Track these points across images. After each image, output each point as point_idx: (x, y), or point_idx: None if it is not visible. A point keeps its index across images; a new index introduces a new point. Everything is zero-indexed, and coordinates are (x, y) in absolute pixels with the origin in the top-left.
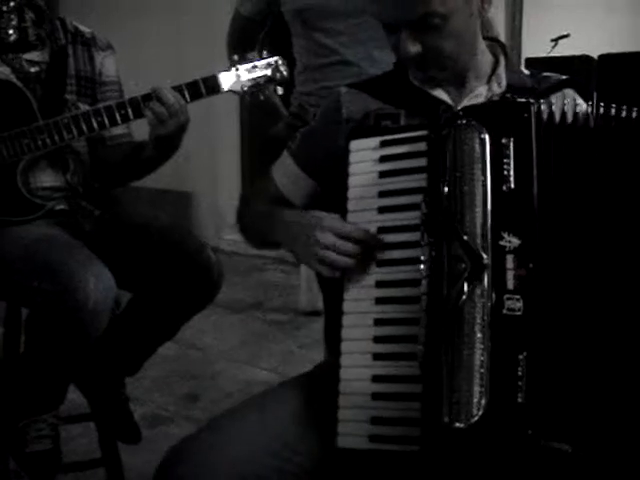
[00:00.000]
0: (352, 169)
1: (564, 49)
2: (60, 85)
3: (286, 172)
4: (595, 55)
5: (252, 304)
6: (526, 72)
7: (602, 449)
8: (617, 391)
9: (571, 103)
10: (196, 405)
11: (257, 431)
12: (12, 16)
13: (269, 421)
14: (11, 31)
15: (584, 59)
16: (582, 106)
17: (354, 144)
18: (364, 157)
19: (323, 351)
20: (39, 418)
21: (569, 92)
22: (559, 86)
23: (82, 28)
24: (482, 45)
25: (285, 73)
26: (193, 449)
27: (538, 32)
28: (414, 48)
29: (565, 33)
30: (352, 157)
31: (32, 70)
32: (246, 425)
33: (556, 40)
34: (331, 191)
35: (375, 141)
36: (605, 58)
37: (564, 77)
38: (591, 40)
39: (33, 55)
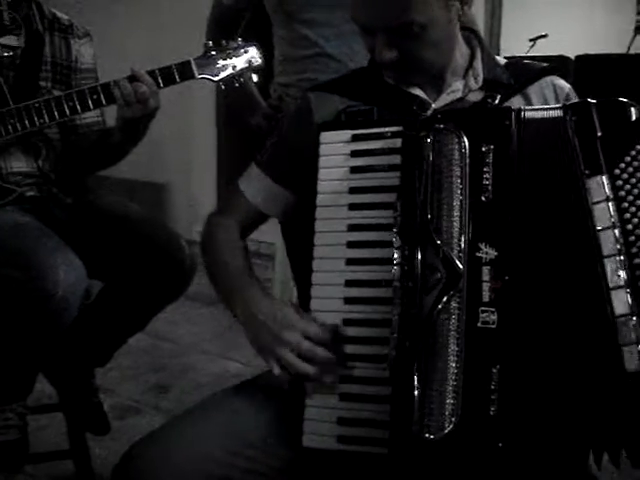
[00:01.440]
0: (322, 162)
1: (542, 49)
2: (34, 71)
3: (259, 187)
4: (572, 55)
5: None
6: (502, 61)
7: (572, 458)
8: (590, 404)
9: (550, 94)
10: (166, 396)
11: (221, 429)
12: None
13: (234, 419)
14: None
15: (561, 59)
16: (564, 89)
17: (325, 136)
18: (335, 150)
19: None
20: (7, 407)
21: (548, 80)
22: (536, 77)
23: (60, 15)
24: (460, 41)
25: (260, 61)
26: (154, 445)
27: (516, 32)
28: (390, 54)
29: (543, 33)
30: (322, 150)
31: (5, 54)
32: (209, 423)
33: (534, 40)
34: (307, 198)
35: (347, 134)
36: (582, 59)
37: (543, 65)
38: (569, 40)
39: (8, 40)
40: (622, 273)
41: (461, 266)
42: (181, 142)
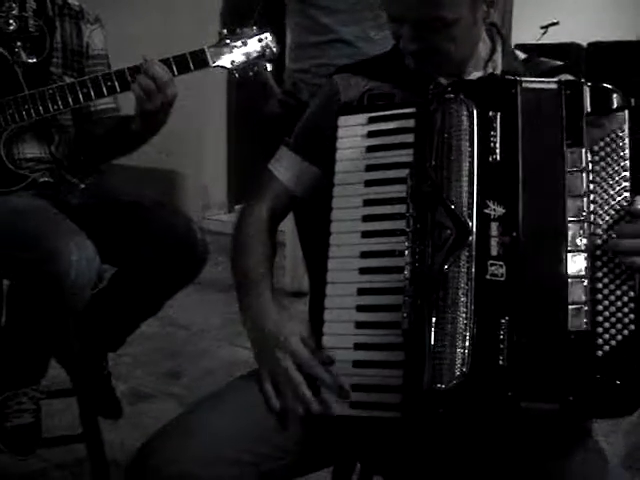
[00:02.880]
0: (340, 144)
1: (553, 36)
2: (46, 57)
3: (288, 166)
4: (584, 42)
5: None
6: (522, 56)
7: (586, 406)
8: (586, 345)
9: None
10: (178, 382)
11: (234, 417)
12: (13, 4)
13: (244, 406)
14: (11, 20)
15: (573, 47)
16: None
17: (342, 120)
18: (352, 132)
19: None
20: (20, 391)
21: (562, 77)
22: (553, 72)
23: (70, 1)
24: (483, 35)
25: (275, 49)
26: (169, 436)
27: (528, 19)
28: (415, 45)
29: (555, 20)
30: (340, 132)
31: (19, 44)
32: (221, 412)
33: (546, 27)
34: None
35: (363, 117)
36: (594, 46)
37: (559, 63)
38: (580, 28)
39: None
40: (584, 239)
41: (470, 222)
42: (192, 130)
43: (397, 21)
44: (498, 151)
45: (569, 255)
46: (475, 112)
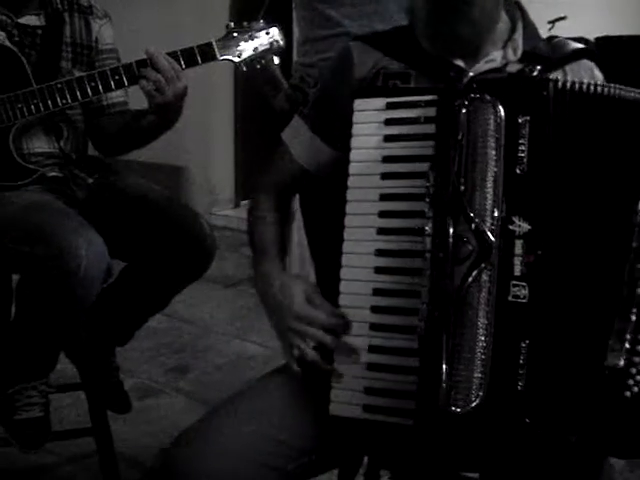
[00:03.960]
0: (355, 130)
1: (561, 31)
2: (55, 52)
3: (301, 140)
4: (592, 37)
5: (243, 279)
6: (544, 36)
7: (601, 438)
8: (617, 383)
9: (587, 77)
10: (185, 377)
11: (249, 420)
12: None
13: (262, 409)
14: None
15: (581, 42)
16: (599, 79)
17: (359, 103)
18: (368, 118)
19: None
20: (29, 385)
21: (586, 64)
22: (576, 56)
23: None
24: (501, 14)
25: (282, 42)
26: (192, 441)
27: (535, 14)
28: (431, 27)
29: (562, 15)
30: (356, 117)
31: (28, 37)
32: (239, 416)
33: (553, 22)
34: (340, 166)
35: (381, 102)
36: (602, 40)
37: (580, 45)
38: (588, 22)
39: (29, 20)
40: None
41: (493, 239)
42: (200, 126)
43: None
44: (526, 161)
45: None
46: (503, 115)
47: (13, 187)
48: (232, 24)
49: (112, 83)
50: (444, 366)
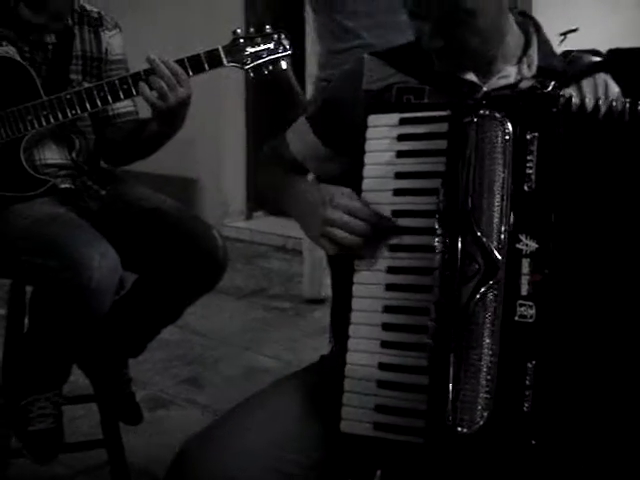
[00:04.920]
0: (369, 146)
1: (573, 43)
2: (65, 64)
3: (303, 139)
4: (604, 49)
5: (255, 291)
6: (559, 51)
7: (607, 461)
8: (626, 405)
9: (602, 91)
10: (197, 389)
11: (265, 427)
12: None
13: (277, 416)
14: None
15: (595, 54)
16: (614, 92)
17: (372, 119)
18: (382, 134)
19: (325, 339)
20: (42, 396)
21: (601, 77)
22: (591, 70)
23: (89, 8)
24: (512, 27)
25: (289, 48)
26: (207, 443)
27: (547, 27)
28: (437, 42)
29: (574, 27)
30: (369, 133)
31: (39, 52)
32: (255, 421)
33: (565, 34)
34: (347, 161)
35: (394, 118)
36: (614, 52)
37: (597, 59)
38: (600, 34)
39: (40, 35)
40: None
41: (500, 257)
42: (211, 137)
43: (418, 18)
44: (534, 178)
45: None
46: (511, 132)
47: (24, 198)
48: (239, 30)
49: (121, 93)
50: (450, 385)
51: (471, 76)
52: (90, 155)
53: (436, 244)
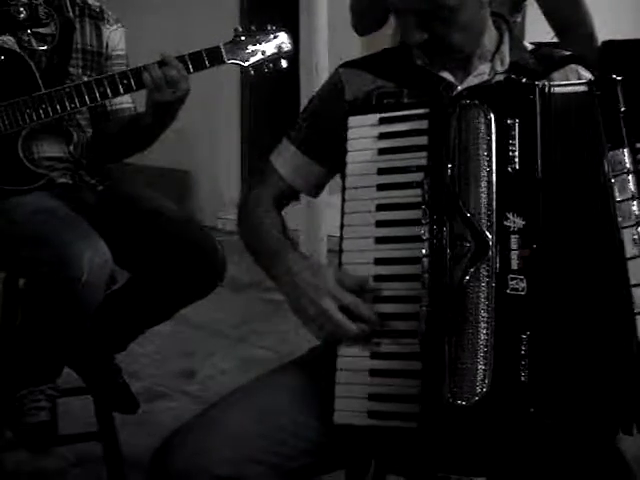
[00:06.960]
0: (350, 145)
1: None
2: (64, 57)
3: (290, 162)
4: (598, 42)
5: (250, 283)
6: (529, 46)
7: (604, 426)
8: (619, 370)
9: (574, 79)
10: (192, 381)
11: (252, 417)
12: None
13: (265, 407)
14: (22, 8)
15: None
16: (586, 79)
17: (353, 120)
18: (363, 134)
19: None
20: (36, 389)
21: (572, 67)
22: (561, 63)
23: (91, 1)
24: (489, 25)
25: (290, 47)
26: (187, 435)
27: (541, 19)
28: (420, 36)
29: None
30: (351, 133)
31: (39, 47)
32: (241, 411)
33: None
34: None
35: (374, 118)
36: (608, 44)
37: (567, 53)
38: (599, 35)
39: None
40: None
41: (489, 235)
42: (206, 130)
43: (400, 13)
44: (517, 160)
45: (629, 263)
46: (493, 119)
47: (20, 191)
48: (239, 28)
49: (120, 87)
50: (447, 360)
51: (447, 75)
52: (88, 149)
53: (423, 232)
